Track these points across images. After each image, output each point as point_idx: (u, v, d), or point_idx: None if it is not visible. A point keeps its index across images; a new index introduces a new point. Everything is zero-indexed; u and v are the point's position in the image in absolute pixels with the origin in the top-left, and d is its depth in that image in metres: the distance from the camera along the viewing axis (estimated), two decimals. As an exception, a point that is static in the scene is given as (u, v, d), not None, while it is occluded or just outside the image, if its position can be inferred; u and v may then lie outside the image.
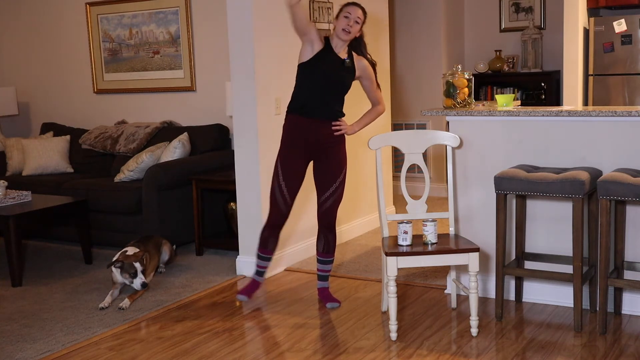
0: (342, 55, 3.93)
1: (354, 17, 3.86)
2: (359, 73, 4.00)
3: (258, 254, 4.18)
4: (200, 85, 6.22)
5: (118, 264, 4.32)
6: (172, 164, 5.48)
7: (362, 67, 4.00)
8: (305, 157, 3.99)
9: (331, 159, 3.98)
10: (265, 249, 4.15)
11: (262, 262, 4.20)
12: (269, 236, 4.11)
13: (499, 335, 3.63)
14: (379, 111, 4.14)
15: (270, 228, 4.10)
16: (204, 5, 6.07)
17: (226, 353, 3.53)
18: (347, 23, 3.84)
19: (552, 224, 3.95)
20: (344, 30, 3.85)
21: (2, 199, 5.07)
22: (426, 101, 7.06)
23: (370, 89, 4.09)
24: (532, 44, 6.96)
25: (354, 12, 3.87)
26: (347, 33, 3.85)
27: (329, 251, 4.14)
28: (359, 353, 3.45)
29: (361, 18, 3.89)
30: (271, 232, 4.10)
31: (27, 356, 3.56)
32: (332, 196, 4.01)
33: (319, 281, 4.24)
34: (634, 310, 3.81)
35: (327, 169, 3.99)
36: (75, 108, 6.97)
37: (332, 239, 4.12)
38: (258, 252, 4.18)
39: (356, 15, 3.86)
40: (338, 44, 3.91)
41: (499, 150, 4.05)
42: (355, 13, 3.87)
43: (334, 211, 4.06)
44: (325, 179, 4.00)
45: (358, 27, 3.89)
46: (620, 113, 3.69)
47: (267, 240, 4.12)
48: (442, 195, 6.96)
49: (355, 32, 3.89)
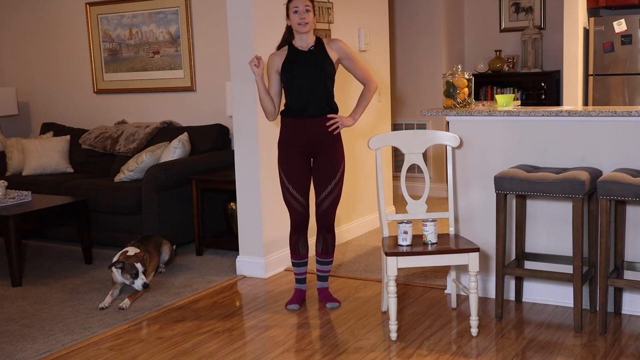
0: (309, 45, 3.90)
1: (303, 8, 3.82)
2: (337, 55, 3.95)
3: (292, 262, 4.15)
4: (200, 85, 6.22)
5: (119, 264, 4.32)
6: (172, 164, 5.48)
7: (337, 48, 3.95)
8: (305, 155, 3.98)
9: (328, 157, 3.97)
10: (297, 254, 4.11)
11: (298, 269, 4.16)
12: (297, 240, 4.09)
13: (499, 335, 3.63)
14: (372, 89, 4.04)
15: (295, 232, 4.08)
16: (204, 5, 6.07)
17: (226, 353, 3.53)
18: (300, 17, 3.82)
19: (552, 224, 3.95)
20: (299, 24, 3.83)
21: (2, 199, 5.07)
22: (426, 101, 7.06)
23: (355, 68, 4.02)
24: (532, 44, 6.96)
25: (300, 3, 3.83)
26: (305, 24, 3.83)
27: (328, 252, 4.14)
28: (359, 353, 3.45)
29: (310, 5, 3.85)
30: (298, 236, 4.08)
31: (27, 356, 3.56)
32: (329, 195, 4.00)
33: (319, 281, 4.23)
34: (634, 310, 3.81)
35: (324, 168, 3.98)
36: (75, 108, 6.97)
37: (330, 240, 4.11)
38: (292, 260, 4.15)
39: (304, 6, 3.83)
40: (302, 38, 3.89)
41: (499, 150, 4.04)
42: (302, 3, 3.83)
43: (332, 212, 4.05)
44: (322, 178, 3.99)
45: (311, 15, 3.85)
46: (620, 113, 3.69)
47: (296, 246, 4.10)
48: (442, 195, 6.96)
49: (311, 20, 3.85)
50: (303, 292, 4.21)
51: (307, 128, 3.92)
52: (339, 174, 4.00)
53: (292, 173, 3.96)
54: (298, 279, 4.20)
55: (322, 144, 3.95)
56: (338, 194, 4.03)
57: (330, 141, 3.96)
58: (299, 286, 4.21)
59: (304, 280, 4.20)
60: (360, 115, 4.05)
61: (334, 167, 3.99)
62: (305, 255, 4.13)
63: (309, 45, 3.90)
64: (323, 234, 4.10)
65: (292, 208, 4.02)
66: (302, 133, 3.93)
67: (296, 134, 3.93)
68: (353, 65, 4.01)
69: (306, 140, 3.93)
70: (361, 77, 4.04)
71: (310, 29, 3.89)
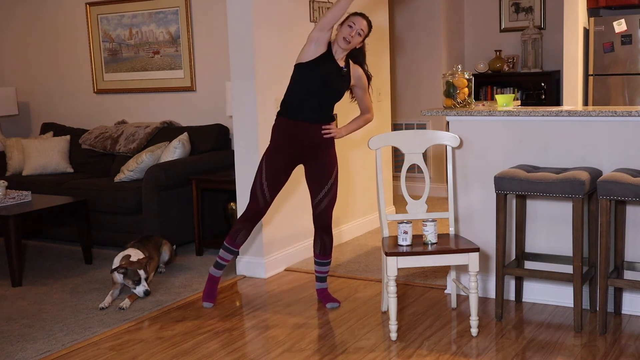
0: (341, 63, 3.90)
1: (357, 28, 3.82)
2: (354, 82, 3.98)
3: (224, 245, 4.10)
4: (200, 85, 6.22)
5: (122, 270, 4.31)
6: (172, 164, 5.48)
7: (357, 76, 3.98)
8: (293, 160, 3.98)
9: (322, 161, 3.98)
10: (233, 241, 4.07)
11: (226, 254, 4.12)
12: (242, 229, 4.05)
13: (499, 335, 3.63)
14: (368, 119, 4.14)
15: (244, 221, 4.05)
16: (204, 5, 6.07)
17: (226, 353, 3.53)
18: (350, 32, 3.81)
19: (552, 224, 3.95)
20: (344, 39, 3.81)
21: (2, 199, 5.07)
22: (426, 101, 7.06)
23: (363, 98, 4.08)
24: (532, 44, 6.96)
25: (358, 22, 3.83)
26: (347, 42, 3.82)
27: (326, 253, 4.13)
28: (359, 353, 3.45)
29: (364, 30, 3.85)
30: (244, 225, 4.05)
31: (27, 356, 3.56)
32: (326, 196, 4.00)
33: (318, 282, 4.23)
34: (634, 310, 3.81)
35: (319, 171, 3.99)
36: (75, 108, 6.97)
37: (328, 241, 4.11)
38: (225, 243, 4.10)
39: (360, 27, 3.82)
40: (338, 51, 3.88)
41: (499, 150, 4.05)
42: (360, 24, 3.83)
43: (329, 212, 4.05)
44: (318, 181, 4.00)
45: (359, 39, 3.86)
46: (620, 113, 3.69)
47: (237, 233, 4.05)
48: (442, 195, 6.96)
49: (356, 43, 3.85)
50: (217, 281, 4.19)
51: (304, 133, 3.91)
52: (334, 175, 4.01)
53: (274, 173, 3.95)
54: (218, 263, 4.14)
55: (315, 150, 3.95)
56: (334, 195, 4.04)
57: (324, 145, 3.96)
58: (214, 271, 4.16)
59: (223, 267, 4.16)
60: (347, 133, 4.11)
61: (329, 169, 3.99)
62: (239, 245, 4.09)
63: (343, 62, 3.91)
64: (321, 236, 4.10)
65: (255, 201, 3.99)
66: (299, 138, 3.91)
67: (292, 138, 3.92)
68: (363, 96, 4.07)
69: (303, 145, 3.92)
70: (364, 107, 4.11)
71: (349, 49, 3.89)
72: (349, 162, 5.53)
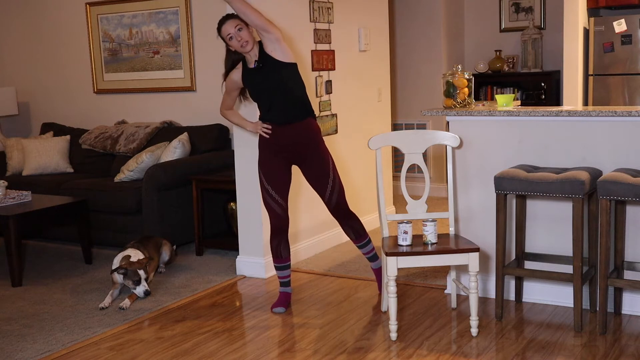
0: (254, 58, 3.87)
1: (235, 32, 3.79)
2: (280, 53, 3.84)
3: (275, 266, 4.14)
4: (200, 85, 6.22)
5: (122, 270, 4.31)
6: (172, 164, 5.48)
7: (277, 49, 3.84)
8: (284, 159, 3.99)
9: (315, 160, 3.99)
10: (279, 258, 4.09)
11: (281, 272, 4.14)
12: (279, 244, 4.07)
13: (499, 335, 3.63)
14: None
15: (276, 235, 4.06)
16: (204, 5, 6.07)
17: (226, 353, 3.53)
18: (237, 40, 3.80)
19: (552, 224, 3.95)
20: (242, 47, 3.81)
21: (2, 199, 5.07)
22: (426, 101, 7.06)
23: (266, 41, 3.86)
24: (532, 44, 6.96)
25: (230, 29, 3.79)
26: (246, 44, 3.80)
27: (360, 235, 4.17)
28: (359, 353, 3.45)
29: (240, 24, 3.80)
30: (279, 239, 4.06)
31: (27, 356, 3.56)
32: (333, 193, 4.02)
33: (371, 263, 4.29)
34: (634, 310, 3.81)
35: (316, 172, 4.00)
36: (75, 108, 6.97)
37: (356, 225, 4.14)
38: (275, 265, 4.13)
39: (235, 29, 3.78)
40: (248, 57, 3.89)
41: (499, 150, 4.04)
42: (232, 28, 3.79)
43: (343, 202, 4.08)
44: (319, 182, 4.01)
45: (246, 32, 3.80)
46: (620, 113, 3.69)
47: (277, 249, 4.07)
48: (442, 195, 6.96)
49: (248, 37, 3.80)
50: (288, 295, 4.18)
51: (283, 133, 3.92)
52: (331, 170, 4.02)
53: (271, 174, 3.97)
54: (282, 282, 4.18)
55: (304, 150, 3.96)
56: (340, 186, 4.06)
57: (312, 144, 3.97)
58: (284, 289, 4.18)
59: (288, 283, 4.18)
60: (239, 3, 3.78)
61: (324, 167, 4.00)
62: (287, 258, 4.11)
63: (254, 61, 3.87)
64: (347, 224, 4.14)
65: (272, 210, 4.01)
66: (280, 138, 3.93)
67: (275, 139, 3.95)
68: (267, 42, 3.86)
69: (285, 144, 3.94)
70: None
71: (254, 44, 3.85)
72: (349, 162, 5.53)
